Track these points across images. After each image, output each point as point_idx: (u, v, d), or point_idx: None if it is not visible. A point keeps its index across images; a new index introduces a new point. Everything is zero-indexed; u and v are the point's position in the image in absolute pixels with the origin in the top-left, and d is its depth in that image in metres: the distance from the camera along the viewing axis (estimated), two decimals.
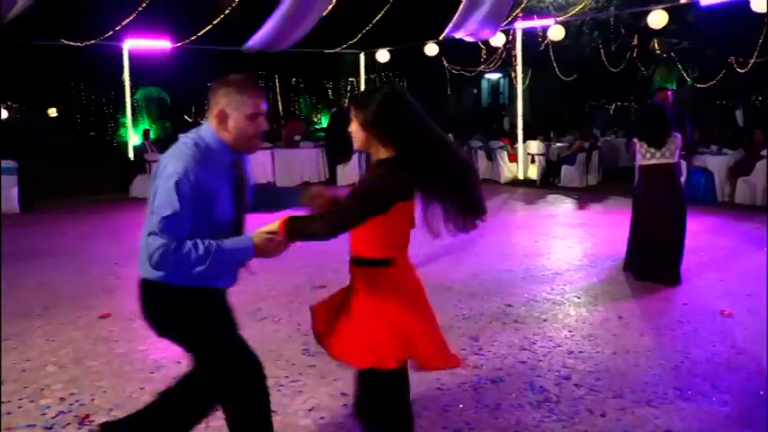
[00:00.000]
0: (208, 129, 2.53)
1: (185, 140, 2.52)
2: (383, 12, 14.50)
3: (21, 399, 3.84)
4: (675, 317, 5.21)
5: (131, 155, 14.38)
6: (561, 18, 14.04)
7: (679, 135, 6.23)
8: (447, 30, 13.34)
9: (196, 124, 23.04)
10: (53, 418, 3.60)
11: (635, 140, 6.33)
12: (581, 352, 4.47)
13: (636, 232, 6.43)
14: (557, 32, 13.33)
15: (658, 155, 6.13)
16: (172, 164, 2.42)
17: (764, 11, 10.43)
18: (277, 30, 12.80)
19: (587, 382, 3.96)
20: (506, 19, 13.28)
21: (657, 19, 11.31)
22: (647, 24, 12.30)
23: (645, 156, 6.20)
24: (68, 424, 3.53)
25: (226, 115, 2.47)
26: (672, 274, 6.09)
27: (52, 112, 27.05)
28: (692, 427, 3.40)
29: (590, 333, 4.85)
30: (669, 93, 8.13)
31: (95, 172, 14.89)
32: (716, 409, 3.59)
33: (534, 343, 4.65)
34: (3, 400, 3.81)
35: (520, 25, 14.27)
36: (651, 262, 6.18)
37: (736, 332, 4.78)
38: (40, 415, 3.64)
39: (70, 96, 23.47)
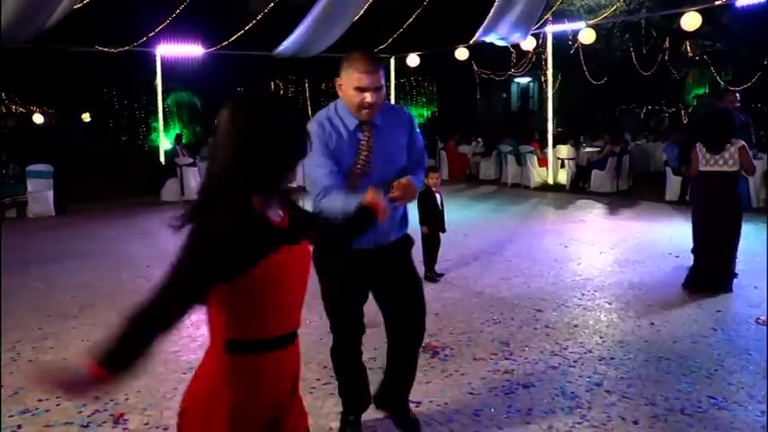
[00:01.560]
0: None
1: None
2: (414, 16, 14.54)
3: (58, 397, 3.90)
4: (709, 324, 5.13)
5: (162, 159, 14.58)
6: (592, 21, 13.93)
7: (742, 142, 5.88)
8: (478, 34, 13.32)
9: None
10: (89, 416, 3.67)
11: (697, 144, 6.00)
12: (612, 358, 4.43)
13: (700, 247, 6.14)
14: (588, 36, 13.22)
15: (712, 161, 5.86)
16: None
17: None
18: (308, 35, 12.90)
19: (619, 388, 3.92)
20: (537, 23, 13.22)
21: (691, 21, 11.16)
22: (679, 26, 12.14)
23: (701, 161, 5.93)
24: (104, 422, 3.59)
25: (340, 85, 2.92)
26: (727, 281, 5.90)
27: (85, 117, 27.54)
28: None
29: (621, 339, 4.80)
30: (734, 96, 7.74)
31: (127, 176, 15.14)
32: (752, 419, 3.53)
33: (565, 348, 4.61)
34: (42, 397, 3.89)
35: (551, 29, 14.19)
36: (712, 274, 5.95)
37: None
38: (76, 413, 3.71)
39: (103, 101, 23.88)
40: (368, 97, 2.81)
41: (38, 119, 25.60)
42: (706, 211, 6.04)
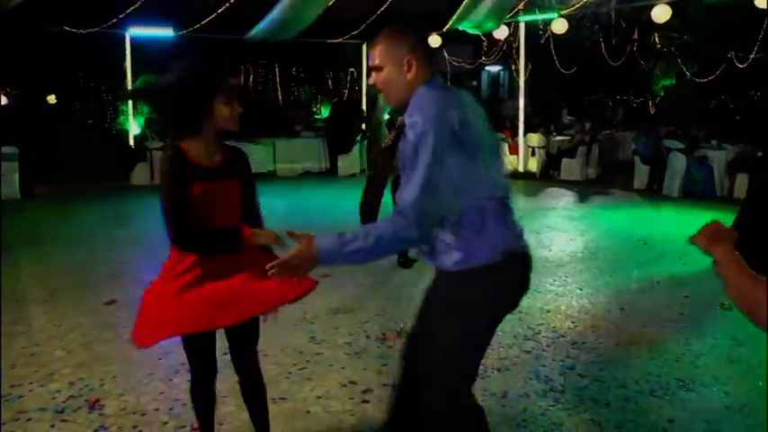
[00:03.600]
0: None
1: None
2: (388, 3, 14.46)
3: (31, 383, 3.87)
4: (677, 309, 5.26)
5: (132, 143, 14.37)
6: (565, 11, 14.01)
7: None
8: (451, 21, 13.33)
9: None
10: (64, 402, 3.64)
11: None
12: (584, 342, 4.52)
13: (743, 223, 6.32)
14: (560, 26, 13.27)
15: None
16: None
17: (765, 7, 10.39)
18: (281, 20, 12.77)
19: (591, 372, 4.01)
20: (510, 12, 13.26)
21: (661, 13, 11.28)
22: (648, 18, 12.28)
23: None
24: (79, 408, 3.56)
25: None
26: None
27: (51, 99, 26.90)
28: (695, 417, 3.46)
29: (593, 324, 4.91)
30: None
31: (95, 159, 14.82)
32: (717, 400, 3.65)
33: (538, 333, 4.70)
34: (15, 383, 3.85)
35: (523, 18, 14.24)
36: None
37: (736, 325, 4.82)
38: (50, 399, 3.67)
39: (69, 83, 23.37)
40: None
41: (1, 100, 24.97)
42: (756, 195, 6.41)
